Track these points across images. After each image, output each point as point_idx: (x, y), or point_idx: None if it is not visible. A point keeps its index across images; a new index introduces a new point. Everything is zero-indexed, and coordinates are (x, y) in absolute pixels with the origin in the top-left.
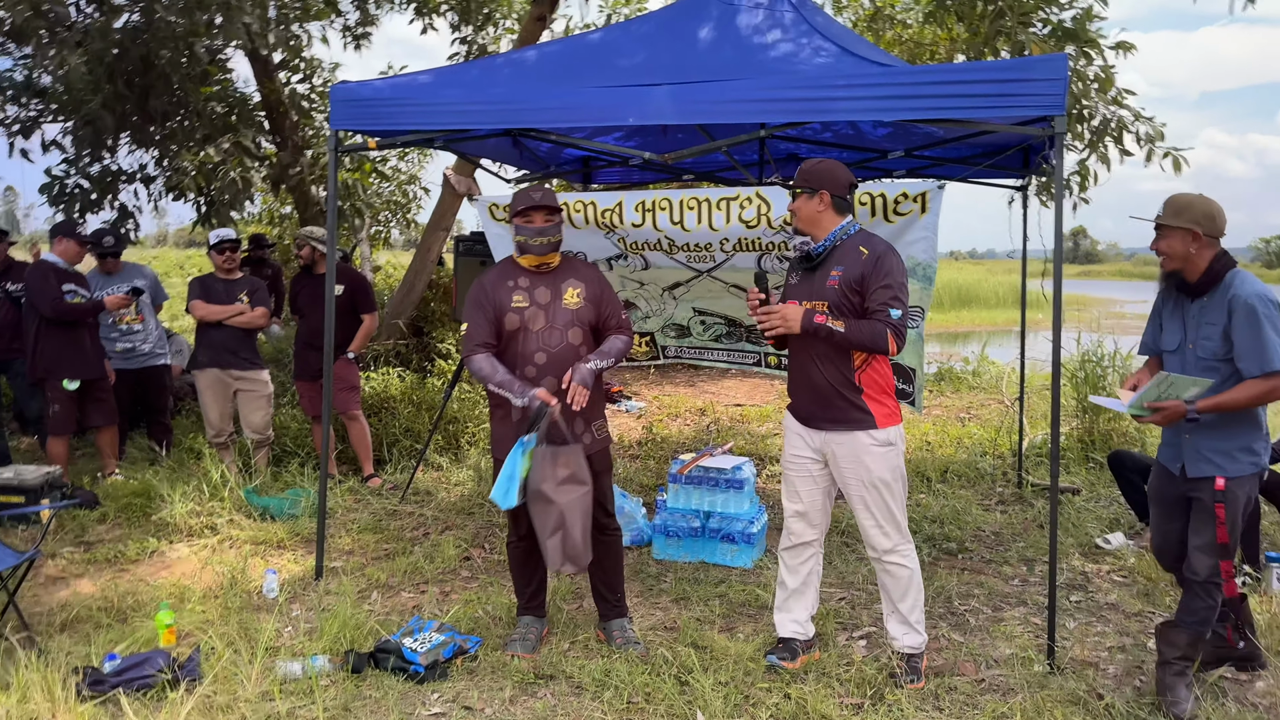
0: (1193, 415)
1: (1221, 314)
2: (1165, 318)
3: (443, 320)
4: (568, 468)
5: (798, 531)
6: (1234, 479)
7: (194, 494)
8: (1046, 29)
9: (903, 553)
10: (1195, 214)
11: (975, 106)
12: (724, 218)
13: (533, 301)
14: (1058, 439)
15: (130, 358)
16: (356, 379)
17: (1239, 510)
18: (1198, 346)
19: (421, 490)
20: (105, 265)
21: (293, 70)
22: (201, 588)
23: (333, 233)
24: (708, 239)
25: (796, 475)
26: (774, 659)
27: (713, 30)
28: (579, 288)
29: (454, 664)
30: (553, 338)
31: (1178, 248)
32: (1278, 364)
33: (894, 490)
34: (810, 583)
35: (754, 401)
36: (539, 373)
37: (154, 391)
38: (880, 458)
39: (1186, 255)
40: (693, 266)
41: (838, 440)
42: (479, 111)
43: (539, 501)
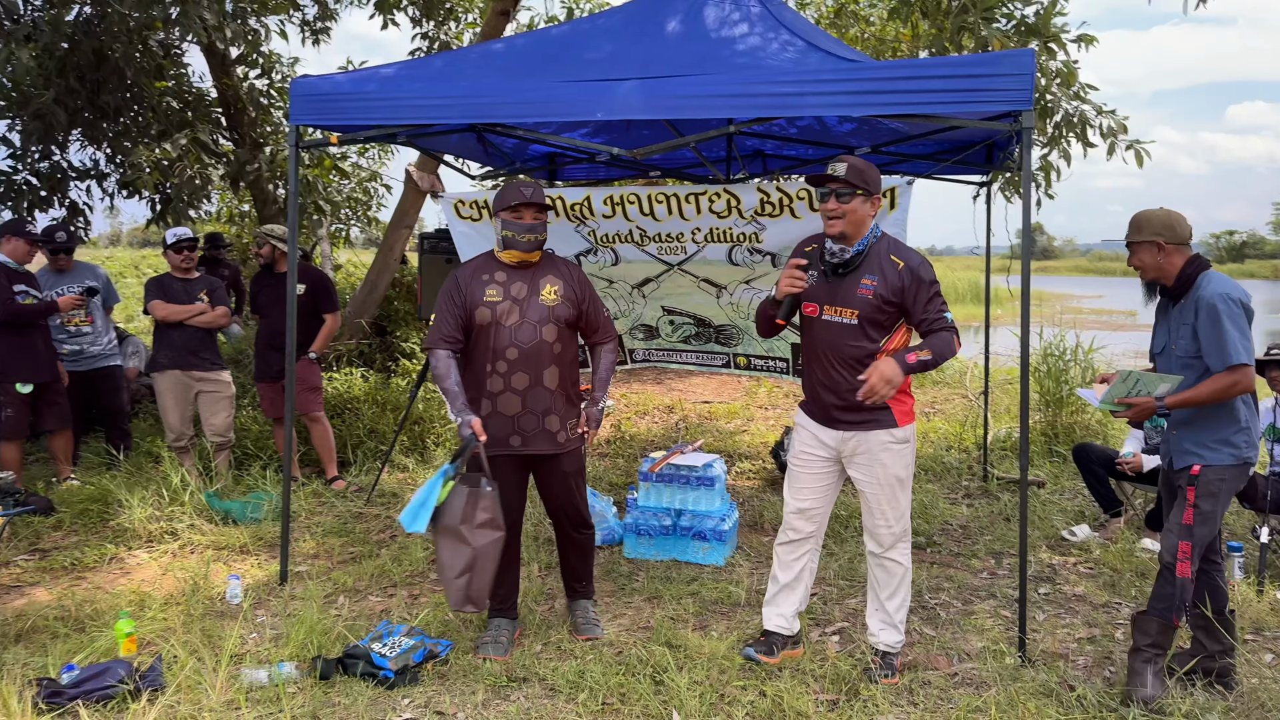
0: (1162, 411)
1: (1191, 314)
2: (1156, 323)
3: (406, 319)
4: (487, 512)
5: (798, 527)
6: (1210, 467)
7: (153, 499)
8: (1010, 24)
9: (902, 550)
10: (1156, 226)
11: (944, 101)
12: (694, 209)
13: (507, 295)
14: (1026, 433)
15: (79, 360)
16: (319, 380)
17: (1214, 498)
18: (1176, 346)
19: (387, 492)
20: (57, 263)
21: (250, 65)
22: (162, 595)
23: (293, 230)
24: (679, 228)
25: (805, 472)
26: (751, 652)
27: (680, 24)
28: (557, 285)
29: (424, 668)
30: (525, 333)
31: (1147, 260)
32: (1235, 358)
33: (906, 487)
34: (803, 578)
35: (721, 399)
36: (510, 368)
37: (107, 394)
38: (898, 455)
39: (1157, 265)
40: (663, 259)
41: (859, 438)
42: (444, 106)
43: (451, 538)
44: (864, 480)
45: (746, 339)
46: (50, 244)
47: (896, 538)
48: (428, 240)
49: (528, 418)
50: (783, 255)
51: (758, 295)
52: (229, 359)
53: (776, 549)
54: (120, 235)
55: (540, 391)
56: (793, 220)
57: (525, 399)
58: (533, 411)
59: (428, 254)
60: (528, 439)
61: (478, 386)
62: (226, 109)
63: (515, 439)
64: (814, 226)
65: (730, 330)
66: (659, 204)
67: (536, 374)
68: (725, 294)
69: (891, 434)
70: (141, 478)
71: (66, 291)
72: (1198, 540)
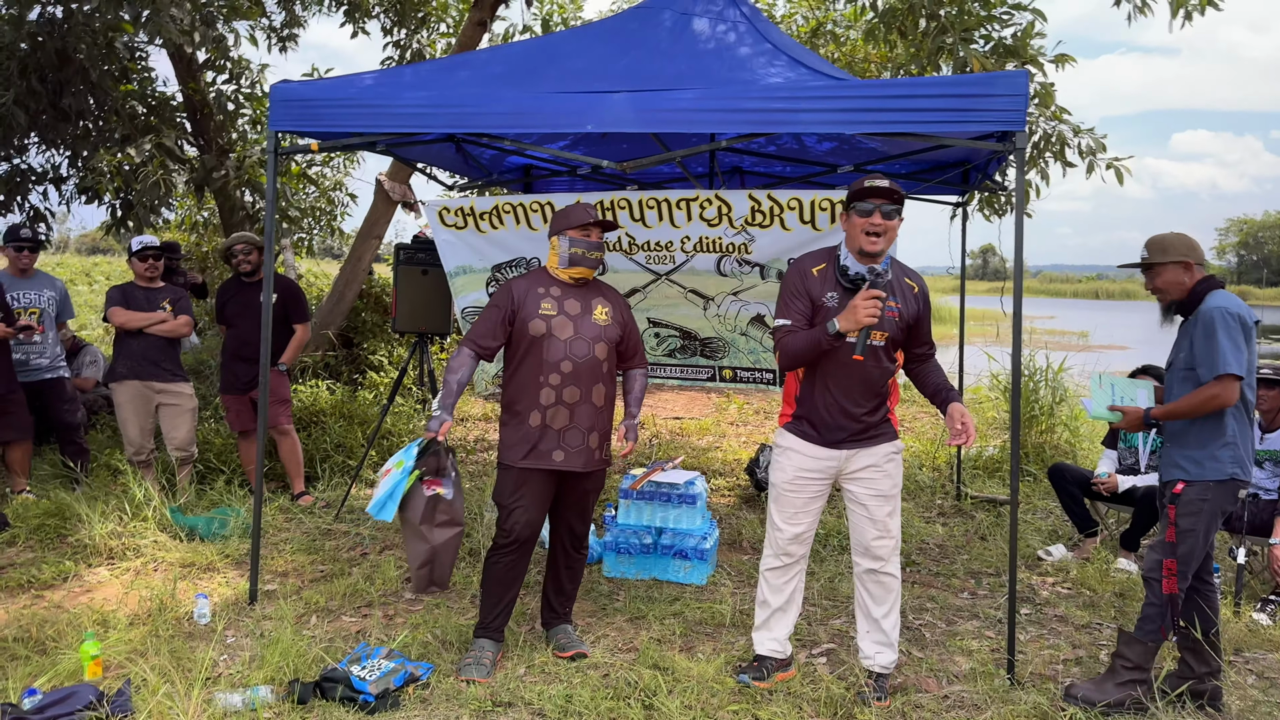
0: (1150, 420)
1: (1193, 327)
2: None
3: (374, 331)
4: (445, 514)
5: (791, 552)
6: (1194, 483)
7: (113, 513)
8: (987, 45)
9: (896, 561)
10: (1181, 248)
11: (936, 121)
12: (685, 216)
13: (562, 311)
14: (1017, 453)
15: (24, 371)
16: (287, 392)
17: (1194, 516)
18: (1178, 360)
19: (356, 508)
20: (20, 261)
21: (218, 70)
22: (127, 614)
23: (270, 239)
24: (669, 236)
25: (800, 496)
26: (745, 678)
27: (668, 38)
28: (608, 307)
29: (405, 692)
30: (579, 348)
31: (1173, 280)
32: (1223, 368)
33: (899, 498)
34: (794, 600)
35: (692, 414)
36: (564, 380)
37: (56, 407)
38: (897, 466)
39: (1182, 285)
40: (651, 269)
41: (865, 453)
42: (429, 114)
43: (413, 532)
44: (867, 493)
45: (733, 351)
46: (15, 241)
47: (893, 550)
48: (404, 251)
49: (573, 433)
50: (770, 267)
51: (745, 307)
52: (189, 370)
53: (766, 574)
54: (68, 242)
55: (588, 408)
56: (782, 231)
57: (574, 413)
58: (579, 427)
59: (404, 265)
60: (569, 455)
61: (530, 398)
62: (192, 114)
63: (559, 454)
64: (804, 240)
65: (716, 343)
66: (650, 209)
67: (587, 390)
68: (712, 305)
69: (893, 445)
70: (101, 492)
71: (23, 299)
72: (1180, 557)
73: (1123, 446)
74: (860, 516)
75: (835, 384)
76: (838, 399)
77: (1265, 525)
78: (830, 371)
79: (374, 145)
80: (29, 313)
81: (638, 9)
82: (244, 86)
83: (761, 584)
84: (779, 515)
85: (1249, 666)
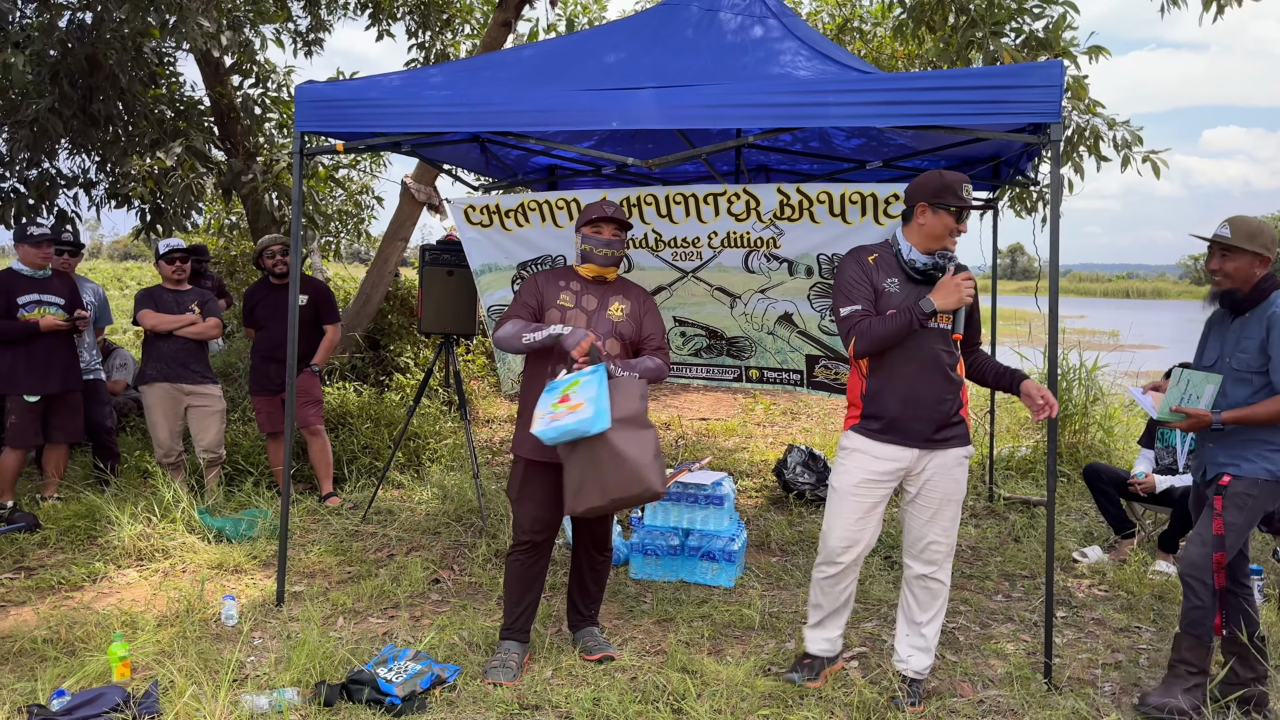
0: (1218, 425)
1: (1260, 329)
2: (1209, 336)
3: (400, 333)
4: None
5: (845, 560)
6: (1242, 478)
7: (142, 515)
8: (1019, 39)
9: (948, 568)
10: (1266, 240)
11: (969, 114)
12: (712, 211)
13: (578, 305)
14: (1055, 453)
15: None
16: (320, 393)
17: (1240, 510)
18: (1234, 359)
19: (383, 510)
20: (62, 263)
21: (244, 74)
22: (155, 615)
23: (296, 241)
24: (696, 232)
25: (860, 500)
26: (795, 677)
27: (693, 34)
28: (625, 305)
29: (432, 694)
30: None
31: (1244, 270)
32: None
33: (960, 504)
34: (848, 603)
35: (719, 415)
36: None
37: (93, 410)
38: (964, 471)
39: (1250, 277)
40: (678, 266)
41: (937, 458)
42: (454, 114)
43: (632, 427)
44: (932, 496)
45: (760, 350)
46: (57, 242)
47: (947, 554)
48: (429, 252)
49: None
50: (799, 263)
51: (772, 305)
52: (217, 372)
53: (819, 581)
54: (100, 247)
55: None
56: (812, 225)
57: None
58: None
59: (429, 265)
60: None
61: (538, 390)
62: (219, 118)
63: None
64: (834, 234)
65: (743, 342)
66: (677, 205)
67: None
68: (739, 304)
69: (965, 450)
70: (130, 494)
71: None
72: (1226, 546)
73: (1160, 446)
74: (918, 521)
75: (910, 373)
76: (915, 388)
77: None
78: (902, 360)
79: (399, 145)
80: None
81: (662, 5)
82: (270, 90)
83: (814, 589)
84: (837, 521)
85: None
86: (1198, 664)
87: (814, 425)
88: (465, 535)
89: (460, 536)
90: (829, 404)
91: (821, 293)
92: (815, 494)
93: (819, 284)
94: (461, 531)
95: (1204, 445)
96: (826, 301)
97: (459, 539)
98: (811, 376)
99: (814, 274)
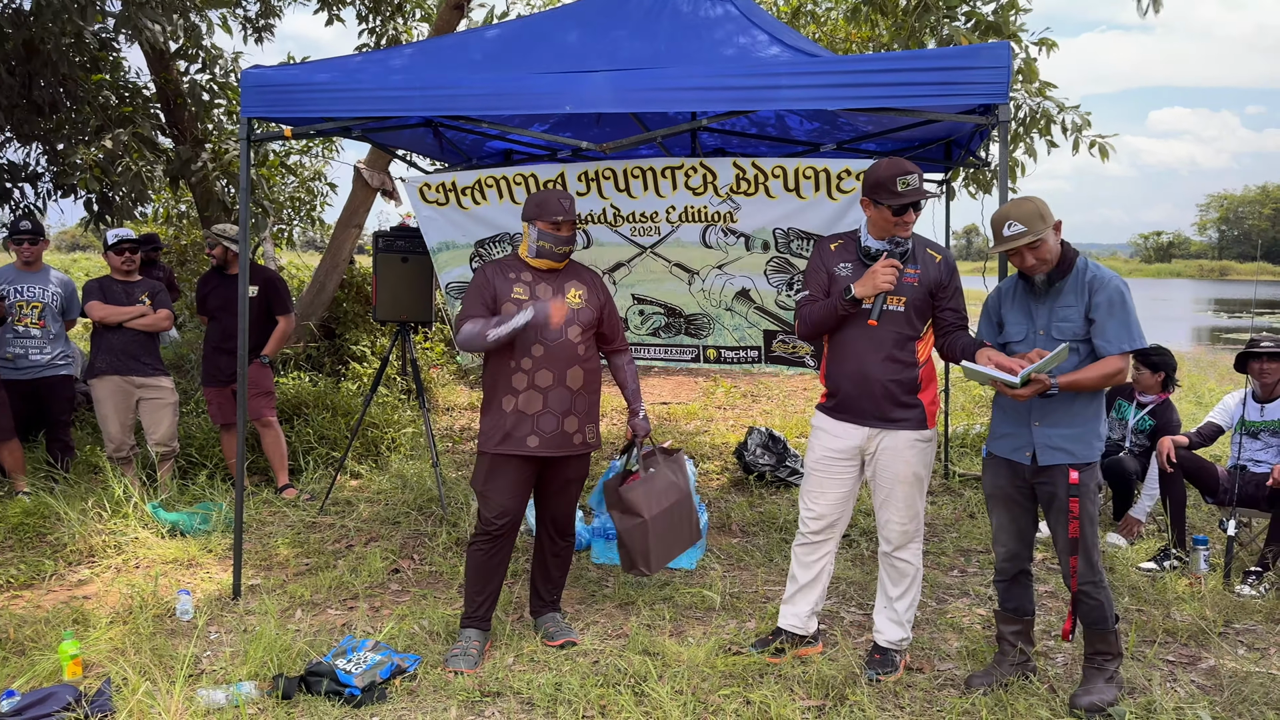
0: (1054, 389)
1: (1078, 296)
2: (1007, 312)
3: (356, 321)
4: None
5: (818, 531)
6: (1085, 469)
7: (94, 511)
8: (969, 23)
9: (914, 549)
10: (1046, 209)
11: (919, 95)
12: (670, 185)
13: (533, 295)
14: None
15: (16, 369)
16: (271, 384)
17: (1092, 501)
18: (1052, 330)
19: (341, 500)
20: (23, 254)
21: (190, 60)
22: (107, 612)
23: (244, 230)
24: (654, 206)
25: (826, 476)
26: (755, 650)
27: (648, 18)
28: (581, 289)
29: (392, 684)
30: (550, 331)
31: (1052, 248)
32: (1140, 342)
33: (923, 487)
34: (821, 579)
35: (679, 399)
36: (535, 365)
37: (54, 405)
38: (922, 453)
39: (1057, 250)
40: (636, 241)
41: (882, 436)
42: (405, 98)
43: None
44: (884, 477)
45: (718, 328)
46: (15, 234)
47: (909, 536)
48: (383, 239)
49: (547, 417)
50: (755, 238)
51: (730, 281)
52: (169, 364)
53: (795, 550)
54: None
55: (563, 391)
56: (767, 199)
57: (547, 397)
58: (553, 411)
59: (383, 252)
60: (544, 440)
61: (503, 383)
62: (166, 104)
63: (533, 439)
64: (789, 209)
65: (701, 319)
66: (635, 179)
67: (560, 373)
68: (697, 280)
69: (920, 433)
70: (81, 489)
71: (26, 292)
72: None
73: (1113, 417)
74: (876, 501)
75: (855, 353)
76: (865, 368)
77: (1253, 498)
78: (850, 340)
79: (349, 131)
80: (30, 306)
81: None
82: (219, 76)
83: (792, 560)
84: (805, 494)
85: (1240, 639)
86: (1110, 650)
87: (774, 407)
88: (425, 524)
89: (420, 526)
90: (789, 385)
91: (778, 268)
92: (775, 475)
93: (775, 258)
94: (421, 521)
95: (1030, 425)
96: (783, 277)
97: (419, 528)
98: (770, 351)
99: (770, 249)
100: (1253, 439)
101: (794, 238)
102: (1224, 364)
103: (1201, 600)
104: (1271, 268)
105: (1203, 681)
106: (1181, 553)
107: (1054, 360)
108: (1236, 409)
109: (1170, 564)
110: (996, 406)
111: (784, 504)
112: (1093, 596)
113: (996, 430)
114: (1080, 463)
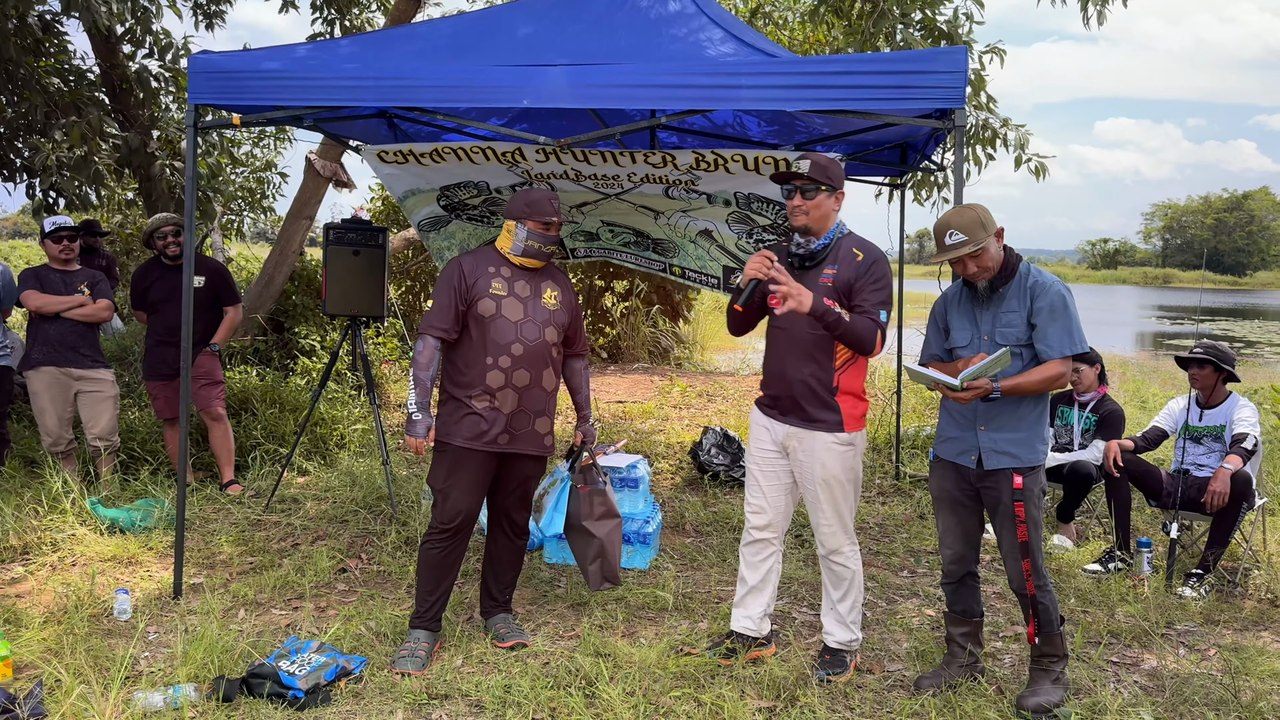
0: (996, 393)
1: (1020, 302)
2: (952, 318)
3: (305, 315)
4: (603, 505)
5: (759, 526)
6: (1030, 474)
7: (29, 506)
8: (921, 30)
9: (846, 554)
10: (987, 216)
11: (877, 98)
12: (629, 160)
13: (511, 292)
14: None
15: None
16: (221, 374)
17: (1037, 505)
18: (996, 335)
19: (287, 498)
20: None
21: (138, 45)
22: (41, 612)
23: (190, 219)
24: (615, 172)
25: (759, 471)
26: (710, 652)
27: (608, 12)
28: (556, 291)
29: (337, 687)
30: (530, 331)
31: (994, 255)
32: (1081, 346)
33: (847, 491)
34: (769, 580)
35: (635, 398)
36: (514, 364)
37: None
38: (840, 456)
39: (999, 257)
40: (600, 190)
41: (800, 436)
42: (359, 88)
43: (580, 534)
44: (804, 478)
45: (682, 253)
46: None
47: (838, 541)
48: (334, 231)
49: (521, 417)
50: (718, 195)
51: (693, 222)
52: (111, 356)
53: (742, 550)
54: None
55: (538, 392)
56: (727, 175)
57: (523, 397)
58: (527, 411)
59: (334, 245)
60: (515, 439)
61: (477, 380)
62: (112, 90)
63: (504, 437)
64: (749, 181)
65: (667, 244)
66: (594, 155)
67: (537, 373)
68: (663, 217)
69: (835, 437)
70: (16, 484)
71: None
72: (1037, 550)
73: (1058, 424)
74: (808, 505)
75: (777, 350)
76: (784, 365)
77: (1195, 501)
78: (774, 337)
79: (300, 120)
80: None
81: None
82: (168, 63)
83: (740, 561)
84: (747, 490)
85: (1181, 640)
86: (1055, 651)
87: (729, 407)
88: (374, 523)
89: (369, 524)
90: (744, 385)
91: (739, 219)
92: (730, 475)
93: (736, 212)
94: (370, 519)
95: (975, 429)
96: (743, 226)
97: (368, 527)
98: (727, 284)
99: (731, 205)
100: (1195, 444)
101: (754, 200)
102: (1166, 369)
103: (1144, 602)
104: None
105: (1145, 682)
106: (1126, 555)
107: (995, 364)
108: (1180, 414)
109: (1115, 566)
110: (943, 410)
111: (738, 504)
112: (1039, 600)
113: (943, 434)
114: (1024, 467)
